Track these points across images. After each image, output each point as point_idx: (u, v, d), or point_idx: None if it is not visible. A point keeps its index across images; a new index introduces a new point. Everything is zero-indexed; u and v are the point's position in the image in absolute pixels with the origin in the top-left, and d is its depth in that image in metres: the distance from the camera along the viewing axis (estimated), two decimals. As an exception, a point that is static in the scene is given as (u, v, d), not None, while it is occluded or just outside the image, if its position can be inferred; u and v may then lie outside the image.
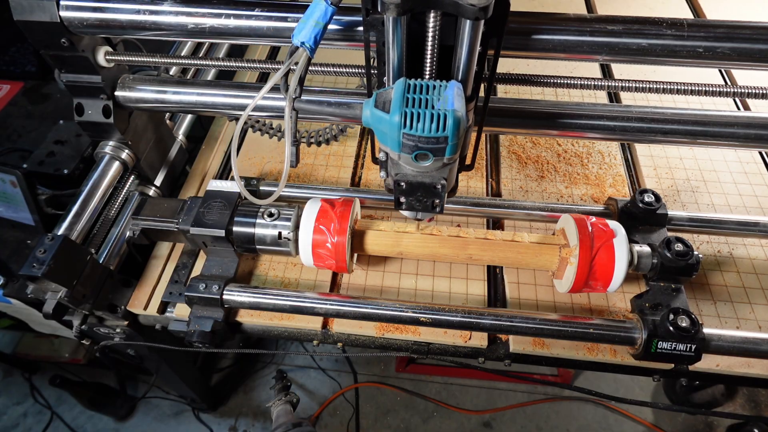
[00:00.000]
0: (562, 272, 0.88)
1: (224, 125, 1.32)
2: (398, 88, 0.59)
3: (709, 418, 1.96)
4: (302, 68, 0.64)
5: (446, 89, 0.59)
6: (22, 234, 1.16)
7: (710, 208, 1.13)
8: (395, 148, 0.60)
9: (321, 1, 0.62)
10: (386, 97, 0.60)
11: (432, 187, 0.67)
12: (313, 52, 0.64)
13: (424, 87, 0.59)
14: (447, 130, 0.56)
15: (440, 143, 0.58)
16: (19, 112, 1.41)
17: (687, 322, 0.79)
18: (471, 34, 0.58)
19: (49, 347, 1.84)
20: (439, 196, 0.69)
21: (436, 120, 0.56)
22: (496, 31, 0.62)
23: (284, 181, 0.69)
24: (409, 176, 0.66)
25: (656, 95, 1.34)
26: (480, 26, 0.57)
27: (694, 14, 1.66)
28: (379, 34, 0.63)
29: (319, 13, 0.63)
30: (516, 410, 1.99)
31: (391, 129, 0.58)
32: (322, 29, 0.63)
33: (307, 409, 1.98)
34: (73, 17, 0.79)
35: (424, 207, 0.71)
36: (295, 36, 0.63)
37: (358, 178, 1.19)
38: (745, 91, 0.75)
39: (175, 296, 0.96)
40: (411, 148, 0.59)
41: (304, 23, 0.63)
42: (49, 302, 0.83)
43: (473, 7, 0.53)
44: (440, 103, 0.57)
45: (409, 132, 0.57)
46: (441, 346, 0.94)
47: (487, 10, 0.54)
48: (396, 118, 0.57)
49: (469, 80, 0.64)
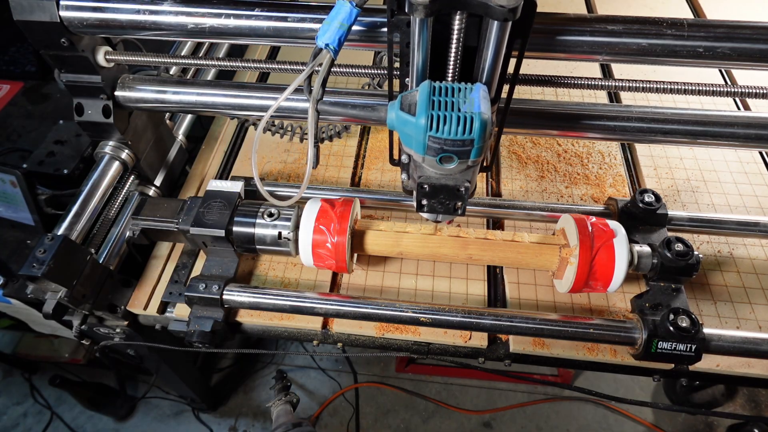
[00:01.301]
0: (562, 272, 0.88)
1: (224, 125, 1.32)
2: (423, 91, 0.58)
3: (709, 419, 1.96)
4: (326, 70, 0.63)
5: (472, 92, 0.58)
6: (22, 234, 1.16)
7: (710, 208, 1.13)
8: (420, 151, 0.60)
9: (346, 2, 0.62)
10: (411, 100, 0.59)
11: (455, 190, 0.67)
12: (336, 53, 0.63)
13: (450, 89, 0.59)
14: (473, 132, 0.56)
15: (466, 146, 0.58)
16: (19, 112, 1.41)
17: (687, 322, 0.79)
18: (498, 36, 0.57)
19: (49, 347, 1.84)
20: (462, 199, 0.68)
21: (463, 123, 0.56)
22: (521, 32, 0.61)
23: (306, 182, 0.68)
24: (433, 179, 0.66)
25: (656, 95, 1.34)
26: (508, 27, 0.57)
27: (694, 14, 1.66)
28: (403, 35, 0.63)
29: (344, 15, 0.62)
30: (516, 410, 1.99)
31: (416, 132, 0.58)
32: (346, 31, 0.63)
33: (307, 409, 1.98)
34: (73, 17, 0.79)
35: (446, 210, 0.71)
36: (319, 37, 0.63)
37: (358, 178, 1.19)
38: (746, 91, 0.75)
39: (175, 296, 0.96)
40: (436, 151, 0.59)
41: (328, 25, 0.62)
42: (48, 302, 0.83)
43: (503, 8, 0.53)
44: (466, 105, 0.57)
45: (435, 135, 0.57)
46: (441, 346, 0.94)
47: (516, 12, 0.54)
48: (422, 121, 0.57)
49: (493, 82, 0.64)
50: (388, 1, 0.60)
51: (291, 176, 1.18)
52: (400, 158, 0.77)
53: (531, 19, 0.59)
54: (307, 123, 0.67)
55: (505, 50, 0.61)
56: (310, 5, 0.78)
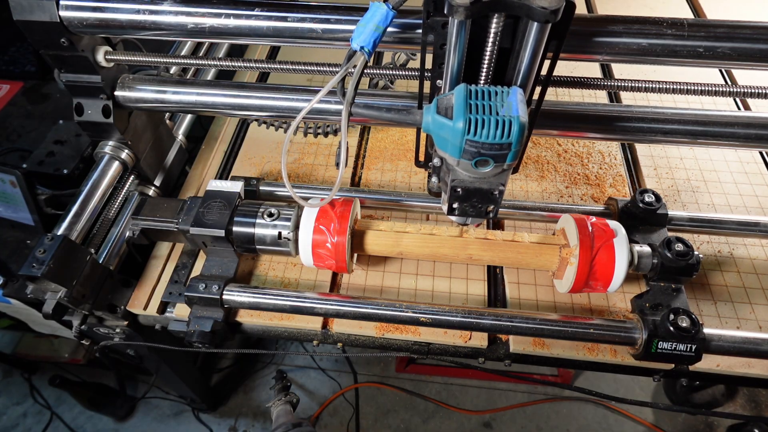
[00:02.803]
0: (563, 272, 0.88)
1: (224, 125, 1.32)
2: (460, 94, 0.58)
3: (709, 419, 1.96)
4: (359, 73, 0.63)
5: (509, 95, 0.58)
6: (21, 234, 1.16)
7: (711, 208, 1.13)
8: (455, 155, 0.60)
9: (382, 5, 0.62)
10: (447, 103, 0.59)
11: (489, 193, 0.66)
12: (370, 56, 0.63)
13: (486, 93, 0.58)
14: (512, 136, 0.56)
15: (503, 149, 0.57)
16: (19, 112, 1.41)
17: (687, 322, 0.79)
18: (537, 37, 0.57)
19: (49, 347, 1.84)
20: (495, 202, 0.68)
21: (501, 126, 0.56)
22: (557, 33, 0.60)
23: (338, 183, 0.69)
24: (466, 182, 0.65)
25: (656, 95, 1.34)
26: (547, 29, 0.56)
27: (694, 14, 1.66)
28: (437, 37, 0.63)
29: (380, 18, 0.62)
30: (516, 410, 1.99)
31: (453, 135, 0.58)
32: (381, 33, 0.62)
33: (307, 409, 1.98)
34: (72, 17, 0.79)
35: (478, 213, 0.70)
36: (353, 39, 0.62)
37: (358, 178, 1.19)
38: (746, 90, 0.75)
39: (175, 296, 0.96)
40: (472, 155, 0.58)
41: (363, 27, 0.62)
42: (48, 302, 0.83)
43: (544, 10, 0.52)
44: (504, 109, 0.57)
45: (473, 138, 0.57)
46: (441, 346, 0.94)
47: (557, 13, 0.53)
48: (460, 125, 0.56)
49: (528, 84, 0.64)
50: (425, 3, 0.60)
51: (291, 176, 1.18)
52: (426, 161, 0.76)
53: (569, 21, 0.58)
54: (340, 125, 0.66)
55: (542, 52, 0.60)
56: (310, 5, 0.78)
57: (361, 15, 0.75)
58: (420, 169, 1.19)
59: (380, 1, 0.62)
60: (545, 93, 0.72)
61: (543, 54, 0.62)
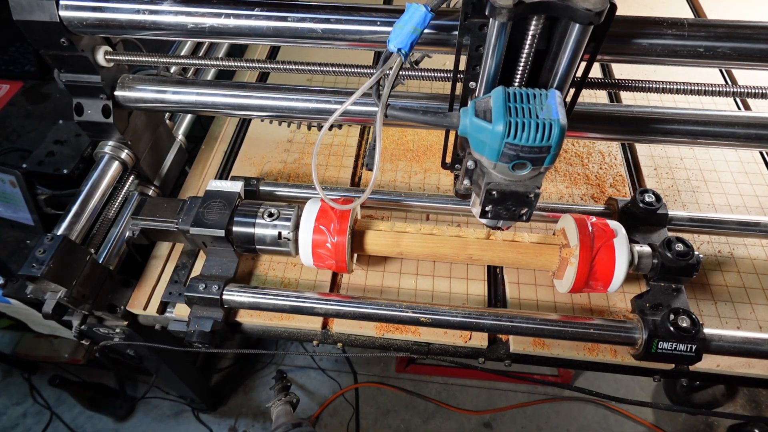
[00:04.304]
0: (563, 272, 0.88)
1: (224, 125, 1.32)
2: (498, 97, 0.57)
3: (709, 419, 1.96)
4: (395, 74, 0.62)
5: (547, 98, 0.57)
6: (21, 234, 1.16)
7: (711, 208, 1.13)
8: (493, 158, 0.59)
9: (420, 7, 0.61)
10: (485, 106, 0.58)
11: (524, 196, 0.65)
12: (406, 57, 0.62)
13: (525, 95, 0.58)
14: (552, 139, 0.56)
15: (542, 153, 0.57)
16: (19, 112, 1.41)
17: (687, 323, 0.79)
18: (578, 39, 0.56)
19: (49, 347, 1.84)
20: (530, 205, 0.67)
21: (542, 130, 0.55)
22: (596, 35, 0.59)
23: (371, 186, 0.68)
24: (502, 185, 0.64)
25: (656, 95, 1.34)
26: (589, 31, 0.55)
27: (694, 14, 1.66)
28: (474, 39, 0.62)
29: (418, 20, 0.61)
30: (516, 410, 1.99)
31: (492, 139, 0.57)
32: (418, 35, 0.62)
33: (307, 409, 1.98)
34: (72, 17, 0.79)
35: (511, 216, 0.70)
36: (390, 41, 0.62)
37: (358, 178, 1.19)
38: (746, 90, 0.75)
39: (175, 296, 0.96)
40: (510, 158, 0.58)
41: (401, 29, 0.61)
42: (48, 302, 0.83)
43: (589, 12, 0.52)
44: (544, 112, 0.56)
45: (513, 142, 0.56)
46: (441, 346, 0.94)
47: (602, 15, 0.52)
48: (499, 128, 0.56)
49: (565, 86, 0.63)
50: (464, 4, 0.59)
51: (291, 176, 1.18)
52: (453, 163, 0.75)
53: (609, 22, 0.57)
54: (375, 128, 0.65)
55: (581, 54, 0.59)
56: (310, 5, 0.78)
57: (361, 15, 0.75)
58: (420, 170, 1.19)
59: (417, 3, 0.61)
60: (578, 95, 0.71)
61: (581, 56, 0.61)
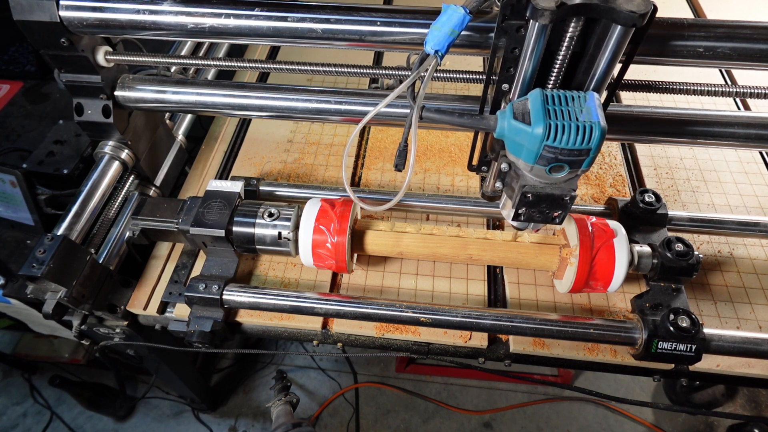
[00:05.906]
0: (563, 272, 0.88)
1: (224, 125, 1.32)
2: (536, 99, 0.57)
3: (709, 419, 1.96)
4: (430, 76, 0.62)
5: (586, 100, 0.57)
6: (21, 234, 1.16)
7: (711, 208, 1.13)
8: (530, 160, 0.59)
9: (459, 9, 0.60)
10: (524, 108, 0.58)
11: (560, 199, 0.65)
12: (442, 59, 0.62)
13: (563, 98, 0.57)
14: (592, 142, 0.55)
15: (581, 155, 0.57)
16: (19, 112, 1.41)
17: (687, 323, 0.79)
18: (618, 41, 0.56)
19: (49, 347, 1.84)
20: (565, 208, 0.67)
21: (582, 132, 0.55)
22: (634, 36, 0.59)
23: (405, 188, 0.68)
24: (538, 188, 0.64)
25: (656, 95, 1.34)
26: (630, 33, 0.55)
27: (694, 14, 1.66)
28: (510, 41, 0.61)
29: (456, 21, 0.61)
30: (516, 410, 1.99)
31: (531, 141, 0.57)
32: (455, 37, 0.61)
33: (307, 409, 1.98)
34: (72, 17, 0.79)
35: (545, 219, 0.69)
36: (428, 43, 0.61)
37: (358, 178, 1.19)
38: (746, 90, 0.75)
39: (175, 296, 0.96)
40: (548, 160, 0.57)
41: (438, 31, 0.61)
42: (48, 302, 0.83)
43: (633, 14, 0.51)
44: (584, 114, 0.56)
45: (552, 144, 0.56)
46: (441, 346, 0.94)
47: (645, 17, 0.52)
48: (539, 130, 0.55)
49: (602, 88, 0.63)
50: (503, 6, 0.58)
51: (291, 176, 1.18)
52: (480, 165, 0.74)
53: (649, 24, 0.56)
54: (406, 128, 0.64)
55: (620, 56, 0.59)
56: (310, 5, 0.78)
57: (361, 15, 0.75)
58: (420, 170, 1.19)
59: (455, 4, 0.61)
60: (612, 97, 0.71)
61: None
